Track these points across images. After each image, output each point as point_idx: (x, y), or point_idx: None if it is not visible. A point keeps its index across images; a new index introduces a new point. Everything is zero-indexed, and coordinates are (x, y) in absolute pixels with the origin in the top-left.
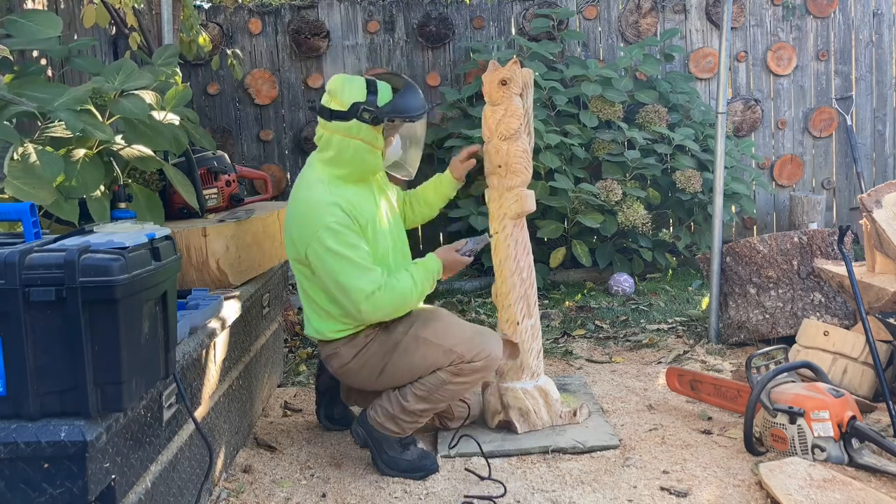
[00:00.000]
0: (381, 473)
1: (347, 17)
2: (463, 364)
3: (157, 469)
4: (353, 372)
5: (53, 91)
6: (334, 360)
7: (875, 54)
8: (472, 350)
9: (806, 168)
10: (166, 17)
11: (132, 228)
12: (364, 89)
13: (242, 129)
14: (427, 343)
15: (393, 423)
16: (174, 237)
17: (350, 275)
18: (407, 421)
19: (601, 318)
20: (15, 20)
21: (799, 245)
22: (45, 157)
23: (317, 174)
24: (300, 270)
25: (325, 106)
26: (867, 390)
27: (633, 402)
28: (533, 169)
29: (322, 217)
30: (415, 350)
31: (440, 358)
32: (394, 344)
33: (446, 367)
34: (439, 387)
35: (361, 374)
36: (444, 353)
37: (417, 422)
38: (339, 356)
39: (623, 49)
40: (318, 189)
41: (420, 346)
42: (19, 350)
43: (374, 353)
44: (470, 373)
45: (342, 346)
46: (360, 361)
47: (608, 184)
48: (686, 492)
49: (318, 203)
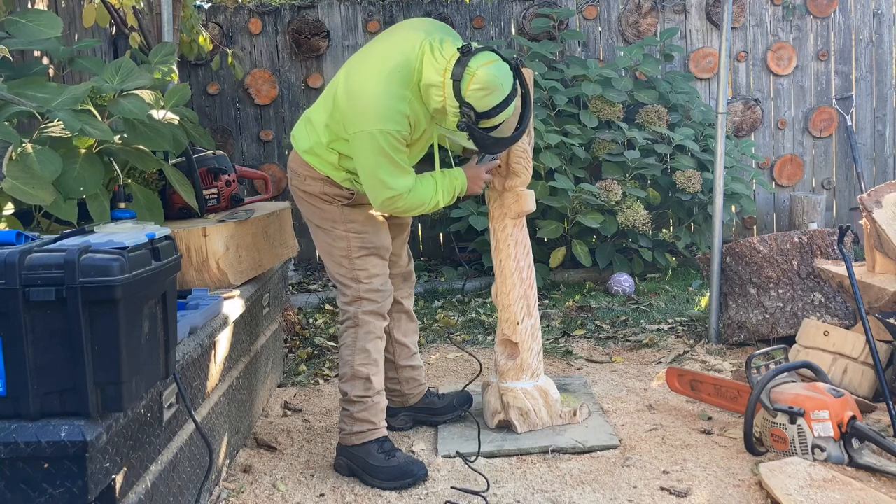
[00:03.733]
0: (370, 486)
1: (347, 17)
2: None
3: (157, 469)
4: (299, 199)
5: (52, 90)
6: (295, 179)
7: (875, 54)
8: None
9: (806, 168)
10: (166, 17)
11: (132, 228)
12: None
13: (242, 129)
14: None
15: (351, 421)
16: (174, 237)
17: (390, 173)
18: (359, 409)
19: (601, 318)
20: (15, 20)
21: (799, 245)
22: (43, 157)
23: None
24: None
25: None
26: (867, 390)
27: (633, 402)
28: (533, 169)
29: (386, 119)
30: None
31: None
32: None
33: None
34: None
35: (303, 204)
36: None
37: (365, 404)
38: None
39: (623, 49)
40: (396, 88)
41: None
42: (19, 350)
43: (320, 209)
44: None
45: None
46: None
47: (608, 184)
48: (686, 492)
49: (387, 105)
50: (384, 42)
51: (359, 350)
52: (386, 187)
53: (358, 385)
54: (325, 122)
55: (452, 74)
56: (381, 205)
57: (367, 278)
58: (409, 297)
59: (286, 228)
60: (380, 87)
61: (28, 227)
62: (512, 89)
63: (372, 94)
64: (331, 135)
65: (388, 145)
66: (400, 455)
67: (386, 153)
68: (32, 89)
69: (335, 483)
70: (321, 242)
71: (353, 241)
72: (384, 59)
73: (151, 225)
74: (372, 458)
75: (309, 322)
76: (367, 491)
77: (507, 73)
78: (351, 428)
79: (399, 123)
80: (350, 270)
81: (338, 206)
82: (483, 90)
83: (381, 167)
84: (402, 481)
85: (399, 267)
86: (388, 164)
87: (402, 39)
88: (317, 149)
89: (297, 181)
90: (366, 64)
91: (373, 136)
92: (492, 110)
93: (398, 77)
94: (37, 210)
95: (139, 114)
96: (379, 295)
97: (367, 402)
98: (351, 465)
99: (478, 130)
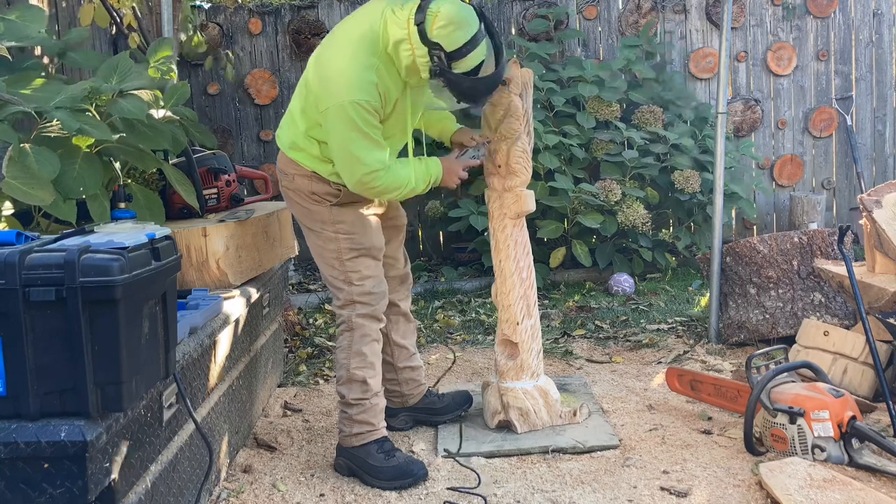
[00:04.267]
0: (370, 486)
1: None
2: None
3: (157, 469)
4: (289, 199)
5: (50, 90)
6: (285, 179)
7: (875, 54)
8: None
9: (806, 168)
10: (166, 18)
11: (132, 228)
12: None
13: (242, 129)
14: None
15: (350, 423)
16: (174, 237)
17: (363, 147)
18: (357, 410)
19: (601, 318)
20: (3, 17)
21: (799, 245)
22: (42, 157)
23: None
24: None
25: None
26: (867, 390)
27: (633, 402)
28: (532, 169)
29: (356, 90)
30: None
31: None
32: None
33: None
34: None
35: (294, 206)
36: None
37: (363, 406)
38: (290, 178)
39: (621, 49)
40: (363, 58)
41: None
42: (19, 350)
43: (309, 210)
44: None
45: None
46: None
47: (607, 184)
48: (686, 492)
49: (357, 77)
50: (349, 21)
51: (354, 353)
52: (360, 163)
53: (355, 388)
54: (300, 108)
55: (415, 21)
56: (356, 183)
57: (358, 280)
58: (405, 299)
59: (286, 228)
60: (345, 59)
61: (28, 228)
62: (478, 28)
63: (338, 67)
64: (307, 121)
65: (360, 118)
66: (400, 455)
67: (358, 126)
68: (28, 86)
69: (335, 483)
70: (313, 245)
71: (343, 242)
72: (349, 34)
73: (151, 225)
74: (372, 458)
75: (309, 322)
76: (367, 491)
77: (470, 10)
78: (350, 430)
79: (368, 93)
80: (342, 272)
81: (326, 207)
82: (449, 25)
83: (354, 142)
84: (403, 481)
85: (396, 269)
86: (361, 137)
87: (364, 12)
88: (298, 141)
89: (287, 181)
90: (332, 41)
91: (343, 109)
92: (462, 48)
93: (364, 46)
94: (36, 210)
95: (138, 114)
96: (372, 297)
97: (364, 404)
98: (351, 466)
99: (452, 74)
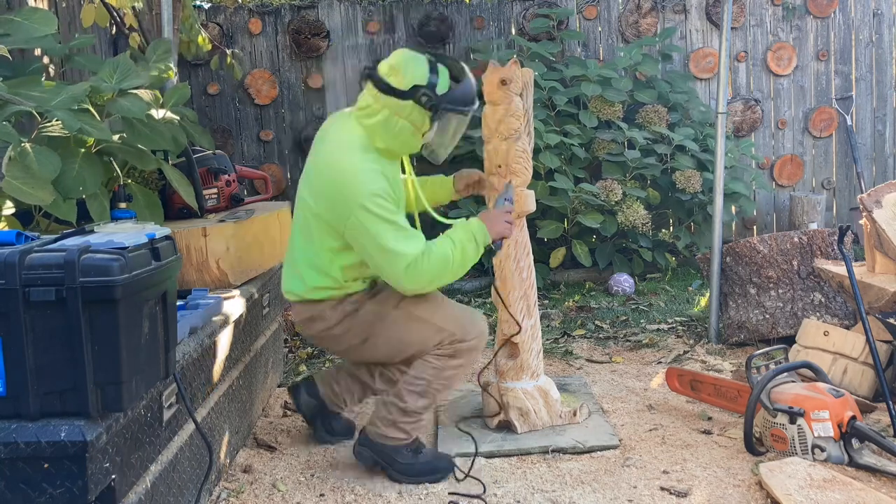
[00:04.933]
0: (399, 483)
1: (347, 17)
2: (456, 343)
3: (157, 469)
4: (334, 337)
5: (50, 90)
6: (317, 323)
7: (875, 54)
8: (463, 327)
9: (806, 168)
10: (166, 18)
11: (132, 228)
12: (427, 73)
13: (242, 129)
14: (419, 320)
15: (395, 430)
16: (174, 237)
17: (396, 239)
18: (409, 422)
19: (601, 318)
20: (11, 19)
21: (799, 245)
22: (42, 157)
23: (356, 138)
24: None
25: (382, 78)
26: (867, 390)
27: (633, 402)
28: (533, 169)
29: (367, 184)
30: (405, 324)
31: (432, 335)
32: (383, 315)
33: (437, 350)
34: (436, 376)
35: (344, 340)
36: (437, 330)
37: (419, 421)
38: (323, 319)
39: (623, 49)
40: (359, 156)
41: (411, 321)
42: (19, 350)
43: (361, 320)
44: (465, 352)
45: (329, 310)
46: (345, 326)
47: (608, 184)
48: (686, 492)
49: (362, 170)
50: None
51: (444, 377)
52: (398, 255)
53: (421, 403)
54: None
55: (380, 90)
56: (405, 280)
57: (452, 318)
58: None
59: (286, 228)
60: (344, 162)
61: (28, 227)
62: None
63: (341, 170)
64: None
65: (380, 209)
66: (427, 451)
67: (382, 218)
68: (30, 88)
69: (335, 483)
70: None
71: (407, 304)
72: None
73: (151, 225)
74: (401, 456)
75: None
76: (366, 491)
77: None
78: (388, 432)
79: (378, 182)
80: (434, 325)
81: (365, 303)
82: (404, 64)
83: (384, 235)
84: (430, 477)
85: None
86: (390, 228)
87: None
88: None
89: (322, 324)
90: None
91: (364, 209)
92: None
93: (356, 148)
94: (36, 210)
95: (138, 113)
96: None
97: (417, 419)
98: (376, 458)
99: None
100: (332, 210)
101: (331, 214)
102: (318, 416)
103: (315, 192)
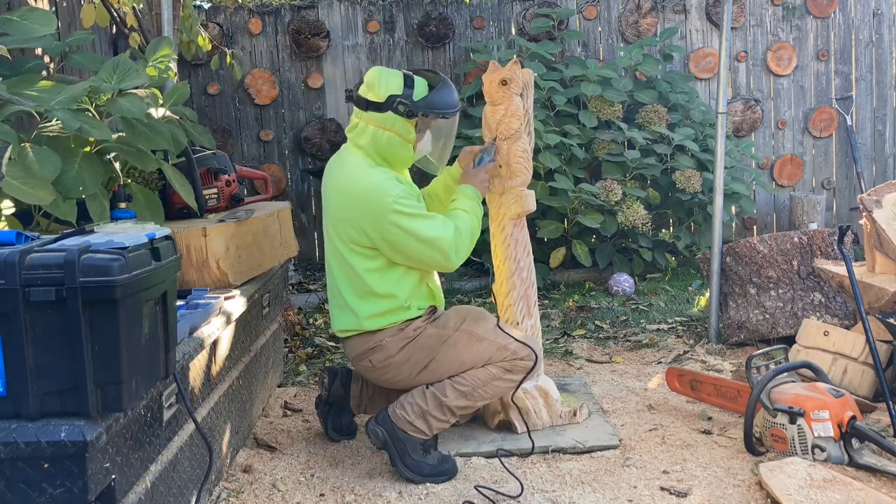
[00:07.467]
0: (405, 479)
1: (347, 17)
2: (517, 360)
3: (157, 469)
4: (395, 365)
5: (50, 90)
6: (377, 353)
7: (875, 54)
8: (524, 348)
9: (806, 168)
10: (166, 18)
11: (132, 228)
12: (401, 83)
13: (242, 129)
14: (480, 339)
15: (422, 422)
16: (174, 237)
17: (432, 228)
18: (439, 419)
19: (601, 318)
20: (10, 19)
21: (799, 245)
22: (42, 157)
23: (359, 160)
24: (346, 246)
25: (361, 96)
26: (867, 390)
27: (633, 402)
28: (533, 169)
29: (389, 190)
30: (466, 345)
31: (494, 353)
32: (444, 338)
33: (499, 361)
34: (487, 382)
35: (404, 368)
36: (499, 349)
37: (449, 421)
38: (384, 348)
39: (623, 49)
40: (371, 171)
41: (472, 341)
42: (19, 350)
43: (422, 345)
44: (521, 371)
45: (389, 338)
46: (406, 354)
47: (608, 184)
48: (686, 492)
49: (379, 184)
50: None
51: (493, 387)
52: (438, 240)
53: (461, 403)
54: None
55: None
56: (453, 259)
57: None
58: None
59: (286, 228)
60: (360, 180)
61: (28, 227)
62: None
63: (364, 188)
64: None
65: (408, 207)
66: (435, 453)
67: (413, 214)
68: (30, 88)
69: (335, 483)
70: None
71: (469, 323)
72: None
73: (151, 225)
74: (413, 451)
75: (309, 322)
76: (366, 491)
77: None
78: (413, 420)
79: (397, 186)
80: (496, 343)
81: (431, 326)
82: (377, 78)
83: (420, 229)
84: (437, 478)
85: None
86: (422, 220)
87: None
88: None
89: (382, 354)
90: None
91: (395, 212)
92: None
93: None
94: (36, 210)
95: (137, 113)
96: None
97: (447, 419)
98: (387, 442)
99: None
100: (364, 228)
101: (363, 234)
102: (332, 410)
103: (342, 219)
